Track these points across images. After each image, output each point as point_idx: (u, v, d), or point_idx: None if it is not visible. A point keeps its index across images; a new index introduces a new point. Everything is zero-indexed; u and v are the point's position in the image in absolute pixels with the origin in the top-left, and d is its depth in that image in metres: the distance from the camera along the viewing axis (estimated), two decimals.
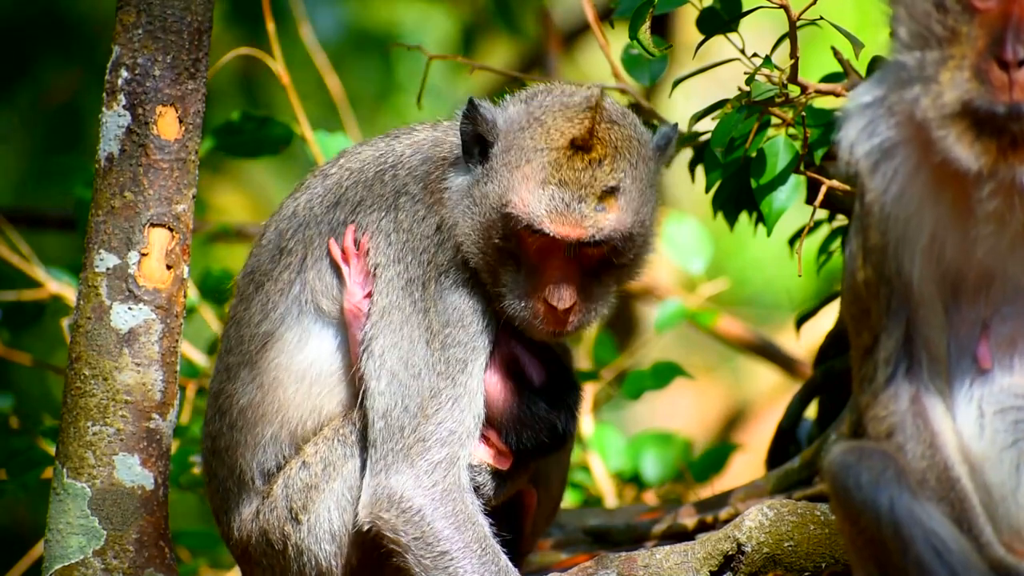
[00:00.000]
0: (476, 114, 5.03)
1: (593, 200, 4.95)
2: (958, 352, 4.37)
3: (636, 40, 5.09)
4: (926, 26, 4.21)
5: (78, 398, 5.00)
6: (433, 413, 4.99)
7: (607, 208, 4.96)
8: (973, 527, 4.28)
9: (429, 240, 5.07)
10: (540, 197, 4.94)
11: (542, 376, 5.13)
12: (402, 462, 4.98)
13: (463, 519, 4.96)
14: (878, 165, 4.34)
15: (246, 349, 5.19)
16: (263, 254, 5.25)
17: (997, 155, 4.16)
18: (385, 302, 5.06)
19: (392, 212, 5.10)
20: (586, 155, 4.96)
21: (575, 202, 4.94)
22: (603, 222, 4.95)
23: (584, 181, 4.95)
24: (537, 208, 4.94)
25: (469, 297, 5.05)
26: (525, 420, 5.11)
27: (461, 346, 5.02)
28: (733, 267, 11.15)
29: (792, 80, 5.16)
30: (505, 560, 4.96)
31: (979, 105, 4.15)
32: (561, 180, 4.95)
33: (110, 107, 5.02)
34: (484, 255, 5.01)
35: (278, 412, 5.16)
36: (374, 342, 5.04)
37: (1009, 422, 4.33)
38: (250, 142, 6.36)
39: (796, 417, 5.97)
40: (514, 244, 4.99)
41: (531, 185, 4.95)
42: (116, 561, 4.98)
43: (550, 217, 4.94)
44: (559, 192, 4.94)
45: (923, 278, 4.34)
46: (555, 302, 4.97)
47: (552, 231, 4.93)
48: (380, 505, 4.97)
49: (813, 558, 4.94)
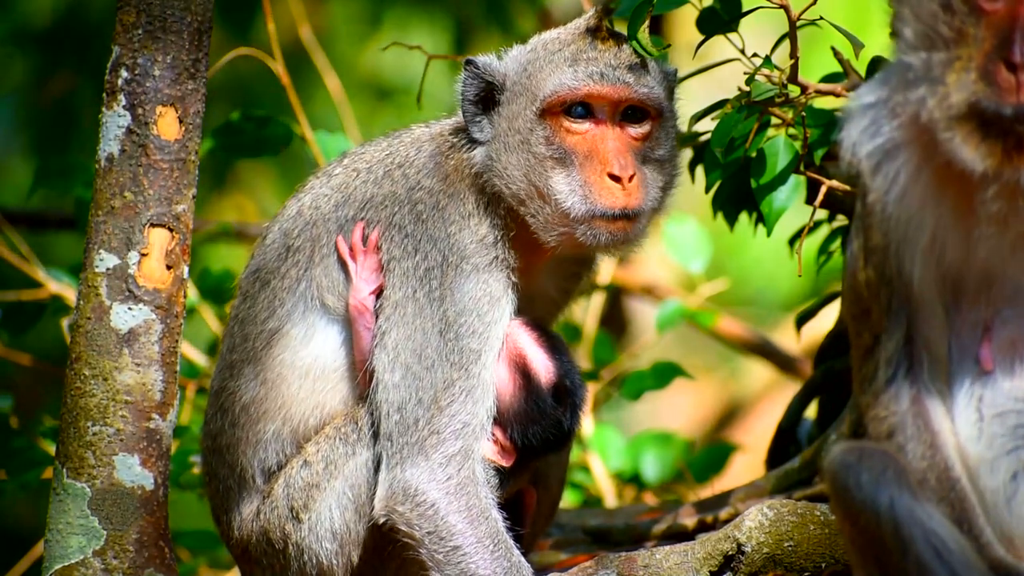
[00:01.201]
0: (477, 67, 5.10)
1: (625, 68, 5.04)
2: (959, 354, 4.37)
3: (635, 40, 5.09)
4: (932, 27, 4.21)
5: (78, 398, 5.00)
6: (447, 405, 5.00)
7: (640, 75, 5.04)
8: (973, 527, 4.28)
9: (452, 226, 5.08)
10: (576, 71, 5.02)
11: (550, 372, 5.13)
12: (417, 455, 4.98)
13: (476, 513, 4.97)
14: (880, 165, 4.34)
15: (251, 346, 5.20)
16: (268, 253, 5.26)
17: (1003, 157, 4.16)
18: (399, 295, 5.07)
19: (407, 205, 5.11)
20: (605, 40, 5.07)
21: (610, 69, 5.02)
22: (643, 81, 5.03)
23: (611, 54, 5.05)
24: (577, 80, 5.01)
25: (486, 285, 5.06)
26: (531, 416, 5.11)
27: (476, 336, 5.03)
28: (733, 267, 11.15)
29: (792, 80, 5.16)
30: (518, 555, 4.97)
31: (986, 106, 4.14)
32: (590, 56, 5.05)
33: (110, 107, 5.02)
34: (529, 177, 5.03)
35: (281, 408, 5.17)
36: (387, 336, 5.05)
37: (1008, 427, 4.32)
38: (250, 142, 6.36)
39: (796, 417, 5.97)
40: (559, 142, 5.03)
41: (562, 69, 5.04)
42: (116, 561, 4.98)
43: (593, 80, 5.01)
44: (593, 63, 5.03)
45: (924, 279, 4.34)
46: (618, 170, 4.99)
47: (600, 91, 5.00)
48: (395, 498, 4.98)
49: (813, 558, 4.94)
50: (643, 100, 5.03)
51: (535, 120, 5.05)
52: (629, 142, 5.04)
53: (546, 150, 5.03)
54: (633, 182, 5.00)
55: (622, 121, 5.04)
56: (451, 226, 5.08)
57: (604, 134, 5.03)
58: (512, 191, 5.06)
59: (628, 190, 5.00)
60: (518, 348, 5.12)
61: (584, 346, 7.29)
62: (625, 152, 5.02)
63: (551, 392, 5.13)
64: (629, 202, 5.00)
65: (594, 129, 5.04)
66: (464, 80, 5.12)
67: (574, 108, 5.04)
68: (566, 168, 5.02)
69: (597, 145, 5.03)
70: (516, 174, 5.05)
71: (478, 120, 5.12)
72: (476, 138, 5.12)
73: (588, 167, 5.01)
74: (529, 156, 5.04)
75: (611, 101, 5.02)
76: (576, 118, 5.04)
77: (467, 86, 5.12)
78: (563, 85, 5.02)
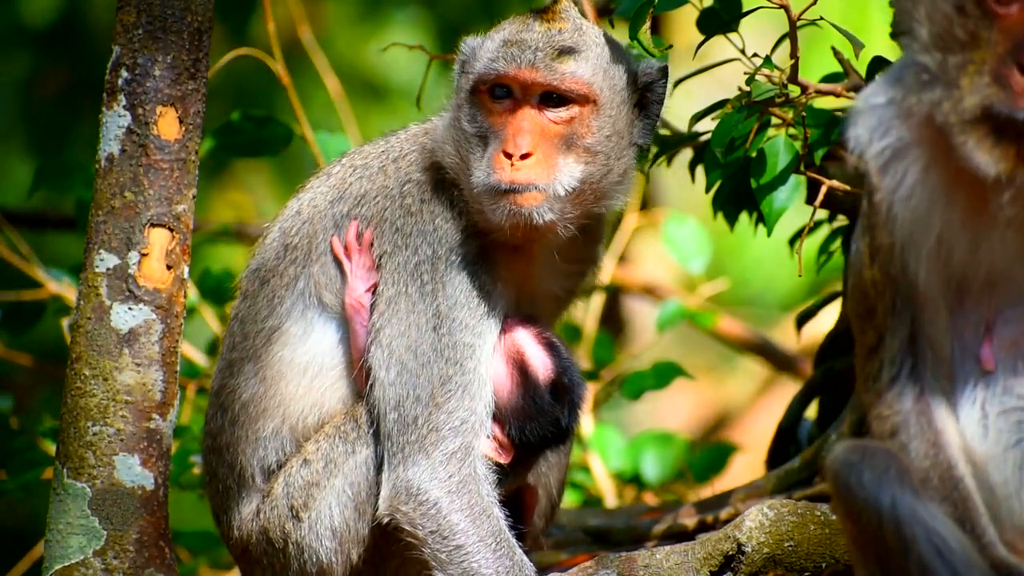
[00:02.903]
0: (462, 47, 5.15)
1: (550, 52, 5.02)
2: (961, 353, 4.37)
3: (636, 40, 5.09)
4: (946, 29, 4.19)
5: (78, 398, 5.00)
6: (444, 401, 5.00)
7: (563, 62, 5.01)
8: (975, 527, 4.28)
9: (439, 218, 5.09)
10: (498, 53, 5.03)
11: (548, 370, 5.13)
12: (418, 453, 4.98)
13: (478, 512, 4.97)
14: (888, 165, 4.33)
15: (251, 344, 5.20)
16: (268, 252, 5.26)
17: (1016, 160, 4.15)
18: (392, 291, 5.07)
19: (398, 199, 5.13)
20: (546, 21, 5.06)
21: (529, 51, 5.01)
22: (560, 68, 4.99)
23: (543, 37, 5.04)
24: (493, 57, 5.02)
25: (478, 277, 5.07)
26: (529, 413, 5.11)
27: (469, 330, 5.03)
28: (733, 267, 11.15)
29: (792, 80, 5.16)
30: (520, 554, 4.97)
31: (999, 111, 4.13)
32: (518, 36, 5.04)
33: (110, 107, 5.02)
34: (458, 151, 5.06)
35: (280, 406, 5.17)
36: (382, 332, 5.05)
37: (1012, 423, 4.32)
38: (250, 142, 6.36)
39: (796, 417, 5.97)
40: (481, 120, 5.04)
41: (490, 50, 5.06)
42: (116, 561, 4.98)
43: (505, 60, 5.00)
44: (515, 44, 5.03)
45: (929, 279, 4.34)
46: (511, 148, 4.98)
47: (509, 73, 4.99)
48: (399, 498, 4.98)
49: (813, 558, 4.94)
50: (558, 85, 5.01)
51: (466, 98, 5.08)
52: (543, 124, 5.02)
53: (470, 127, 5.06)
54: (528, 160, 4.98)
55: (542, 103, 5.04)
56: (438, 218, 5.10)
57: (517, 115, 5.02)
58: (448, 164, 5.10)
59: (517, 167, 4.99)
60: (516, 345, 5.12)
61: (584, 346, 7.29)
62: (528, 132, 5.00)
63: (549, 389, 5.13)
64: (515, 178, 4.99)
65: (511, 110, 5.03)
66: (456, 62, 5.16)
67: (495, 88, 5.04)
68: (483, 146, 5.04)
69: (507, 124, 5.03)
70: (449, 149, 5.10)
71: None
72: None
73: (494, 144, 5.03)
74: (459, 132, 5.08)
75: (523, 84, 5.01)
76: (497, 99, 5.05)
77: (457, 68, 5.16)
78: (485, 66, 5.04)
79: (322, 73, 7.19)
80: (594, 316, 7.47)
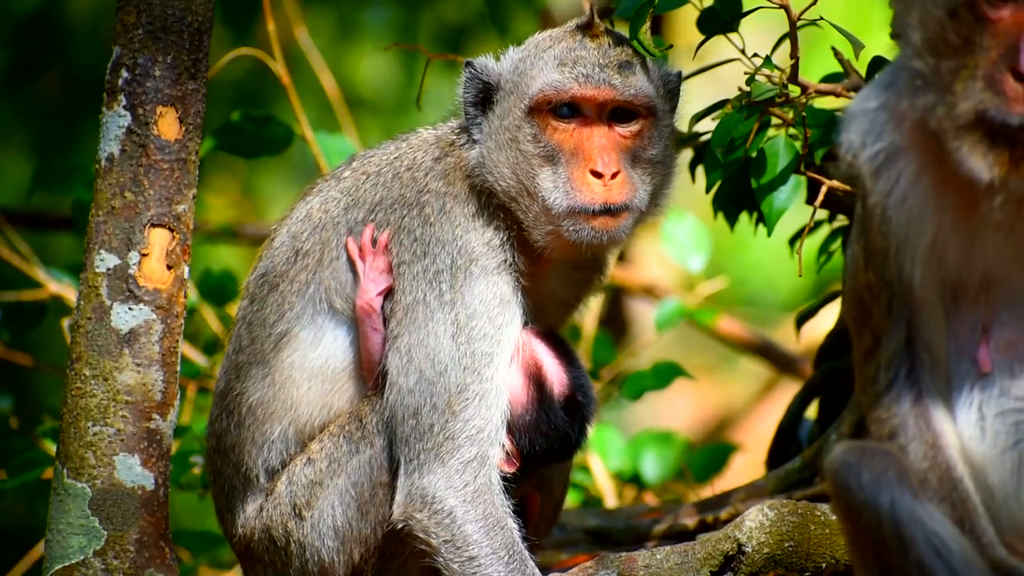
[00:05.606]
0: (475, 68, 5.12)
1: (614, 68, 5.03)
2: (958, 356, 4.37)
3: (637, 40, 5.09)
4: (939, 34, 4.19)
5: (78, 398, 5.00)
6: (461, 410, 5.00)
7: (628, 75, 5.03)
8: (975, 528, 4.28)
9: (459, 228, 5.09)
10: (563, 72, 5.02)
11: (564, 385, 5.13)
12: (434, 461, 4.98)
13: (492, 522, 4.97)
14: (881, 169, 4.33)
15: (259, 348, 5.20)
16: (276, 256, 5.26)
17: (1010, 166, 4.15)
18: (410, 299, 5.07)
19: (416, 208, 5.12)
20: (595, 37, 5.07)
21: (597, 69, 5.03)
22: (630, 82, 5.02)
23: (600, 53, 5.05)
24: (563, 80, 5.02)
25: (496, 287, 5.06)
26: (541, 427, 5.11)
27: (487, 339, 5.03)
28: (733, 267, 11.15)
29: (792, 80, 5.16)
30: (532, 566, 4.97)
31: (993, 116, 4.13)
32: (578, 56, 5.05)
33: (110, 107, 5.02)
34: (517, 174, 5.05)
35: (288, 410, 5.17)
36: (400, 339, 5.05)
37: (1010, 424, 4.33)
38: (250, 142, 6.36)
39: (796, 417, 5.97)
40: (546, 140, 5.04)
41: (550, 68, 5.04)
42: (116, 561, 4.98)
43: (579, 82, 5.01)
44: (580, 63, 5.03)
45: (923, 282, 4.34)
46: (601, 167, 4.99)
47: (584, 93, 5.00)
48: (414, 505, 4.98)
49: (813, 558, 4.94)
50: (630, 101, 5.03)
51: (523, 118, 5.06)
52: (617, 140, 5.04)
53: (533, 148, 5.04)
54: (617, 179, 5.00)
55: (610, 120, 5.05)
56: (458, 228, 5.09)
57: (590, 132, 5.03)
58: (502, 188, 5.07)
59: (610, 187, 5.00)
60: (534, 358, 5.13)
61: (584, 346, 7.29)
62: (610, 150, 5.02)
63: (563, 405, 5.13)
64: (610, 197, 5.00)
65: (580, 127, 5.04)
66: (464, 82, 5.13)
67: (560, 108, 5.04)
68: (552, 165, 5.03)
69: (583, 143, 5.03)
70: (505, 171, 5.06)
71: (478, 121, 5.13)
72: (476, 139, 5.13)
73: (573, 164, 5.02)
74: (517, 153, 5.05)
75: (596, 102, 5.03)
76: (563, 117, 5.04)
77: (467, 88, 5.14)
78: (549, 86, 5.02)
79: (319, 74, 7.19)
80: (594, 316, 7.47)
